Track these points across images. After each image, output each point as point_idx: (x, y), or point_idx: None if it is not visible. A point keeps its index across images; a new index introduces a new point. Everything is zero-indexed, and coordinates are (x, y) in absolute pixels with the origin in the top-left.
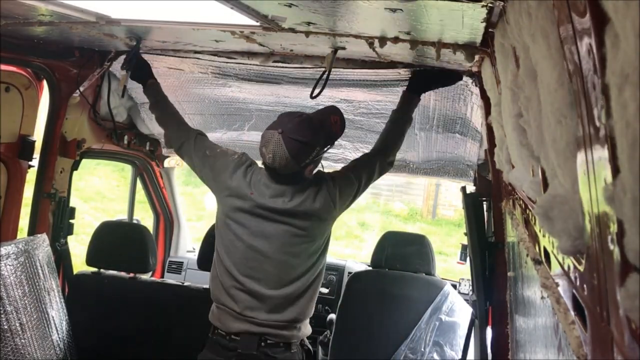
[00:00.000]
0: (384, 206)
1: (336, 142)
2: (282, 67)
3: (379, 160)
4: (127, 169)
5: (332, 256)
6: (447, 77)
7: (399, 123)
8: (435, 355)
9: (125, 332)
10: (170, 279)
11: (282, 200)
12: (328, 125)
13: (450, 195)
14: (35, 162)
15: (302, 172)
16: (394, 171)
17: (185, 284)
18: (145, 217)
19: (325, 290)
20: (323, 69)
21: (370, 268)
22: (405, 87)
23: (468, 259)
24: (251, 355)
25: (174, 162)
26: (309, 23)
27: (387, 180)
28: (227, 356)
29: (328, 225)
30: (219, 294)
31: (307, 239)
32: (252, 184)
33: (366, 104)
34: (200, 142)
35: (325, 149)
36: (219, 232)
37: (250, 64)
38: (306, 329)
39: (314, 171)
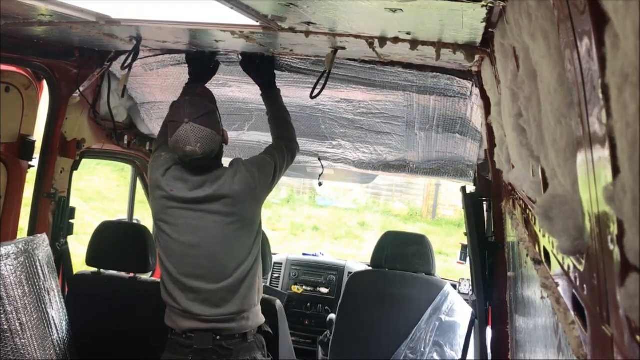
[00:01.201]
0: (384, 206)
1: (336, 142)
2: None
3: (284, 145)
4: (127, 169)
5: (332, 256)
6: (266, 62)
7: (276, 118)
8: (435, 355)
9: (125, 332)
10: None
11: (202, 189)
12: (201, 95)
13: (450, 195)
14: (35, 162)
15: (222, 145)
16: (394, 171)
17: None
18: (145, 217)
19: (325, 290)
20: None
21: (370, 268)
22: (262, 92)
23: (468, 259)
24: (207, 350)
25: None
26: (309, 23)
27: (387, 180)
28: (184, 353)
29: (255, 206)
30: (166, 295)
31: (237, 225)
32: (169, 182)
33: (366, 103)
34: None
35: (219, 112)
36: (155, 236)
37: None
38: (257, 318)
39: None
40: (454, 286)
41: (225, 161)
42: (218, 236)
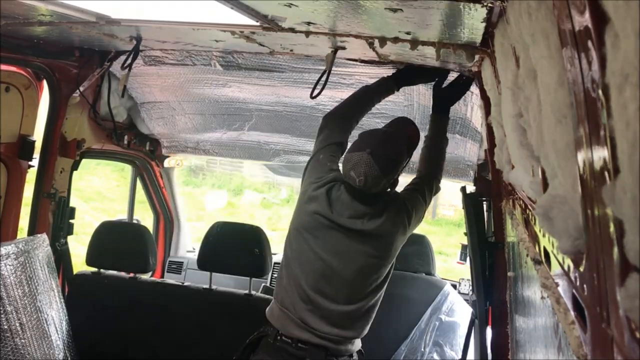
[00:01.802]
0: None
1: None
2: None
3: (433, 184)
4: (127, 169)
5: None
6: (463, 84)
7: (437, 149)
8: (435, 355)
9: (125, 332)
10: (170, 279)
11: (360, 221)
12: (406, 137)
13: (450, 195)
14: (35, 162)
15: (387, 188)
16: None
17: (185, 284)
18: (145, 217)
19: None
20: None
21: None
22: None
23: (468, 259)
24: None
25: (174, 162)
26: (309, 23)
27: None
28: None
29: (399, 246)
30: (283, 296)
31: (380, 261)
32: (332, 202)
33: None
34: (329, 147)
35: (408, 160)
36: (290, 237)
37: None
38: (359, 342)
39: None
40: (454, 286)
41: (235, 163)
42: (359, 265)
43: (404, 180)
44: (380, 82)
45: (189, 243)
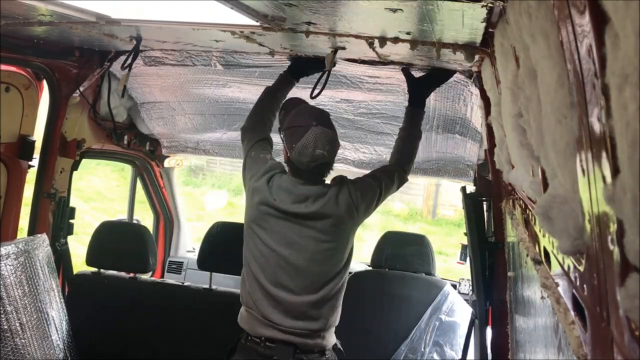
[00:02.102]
0: (384, 206)
1: None
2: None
3: (397, 172)
4: (127, 169)
5: None
6: (439, 75)
7: (408, 141)
8: (435, 355)
9: (125, 332)
10: (170, 279)
11: (304, 205)
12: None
13: (450, 195)
14: (35, 162)
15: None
16: None
17: (185, 284)
18: (145, 217)
19: None
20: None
21: (370, 268)
22: (407, 103)
23: (468, 259)
24: None
25: (174, 162)
26: (309, 23)
27: None
28: None
29: (351, 231)
30: (246, 297)
31: (332, 244)
32: (273, 190)
33: (366, 103)
34: (257, 144)
35: None
36: (245, 235)
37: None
38: (331, 337)
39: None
40: (454, 286)
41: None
42: (311, 252)
43: None
44: (279, 78)
45: (189, 243)
